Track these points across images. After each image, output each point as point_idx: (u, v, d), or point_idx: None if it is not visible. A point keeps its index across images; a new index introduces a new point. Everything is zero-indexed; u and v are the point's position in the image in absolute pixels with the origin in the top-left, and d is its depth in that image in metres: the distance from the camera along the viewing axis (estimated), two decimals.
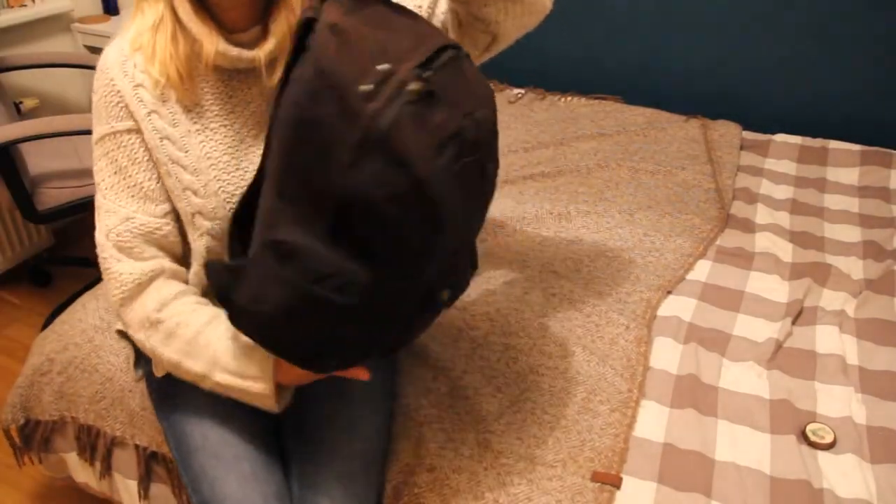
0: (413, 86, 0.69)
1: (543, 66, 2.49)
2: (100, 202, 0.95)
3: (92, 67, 2.08)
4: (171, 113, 0.93)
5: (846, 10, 2.01)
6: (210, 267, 0.88)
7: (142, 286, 0.93)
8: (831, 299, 1.40)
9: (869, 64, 2.05)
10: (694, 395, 1.16)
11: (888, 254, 1.52)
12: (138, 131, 0.93)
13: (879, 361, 1.24)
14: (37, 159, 1.88)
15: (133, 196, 0.94)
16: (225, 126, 0.95)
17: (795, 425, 1.11)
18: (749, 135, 2.10)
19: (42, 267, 2.29)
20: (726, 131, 2.06)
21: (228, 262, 0.91)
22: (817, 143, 2.03)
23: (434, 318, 0.87)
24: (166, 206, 0.96)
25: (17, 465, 1.36)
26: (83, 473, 1.33)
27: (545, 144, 1.99)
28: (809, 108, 2.17)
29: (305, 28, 0.75)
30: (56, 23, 2.30)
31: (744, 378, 1.21)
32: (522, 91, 2.33)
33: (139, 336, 0.95)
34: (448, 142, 0.70)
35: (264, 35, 0.92)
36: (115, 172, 0.93)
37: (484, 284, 1.39)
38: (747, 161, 1.96)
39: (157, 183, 0.95)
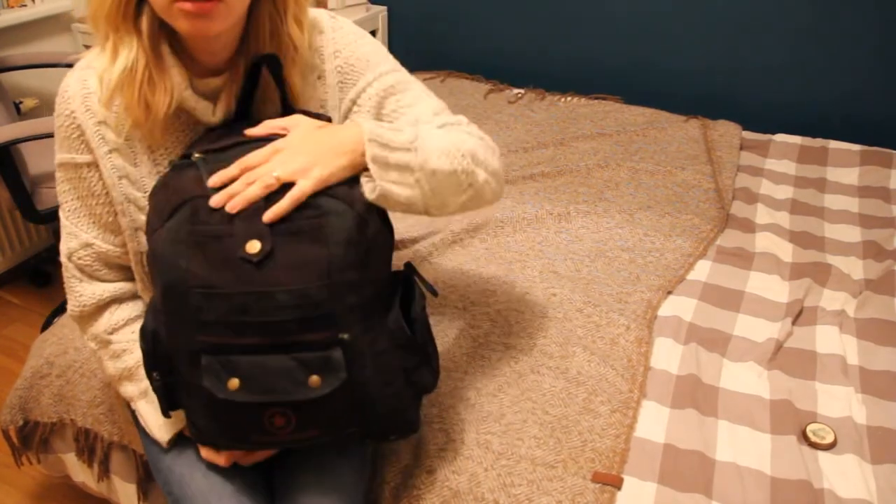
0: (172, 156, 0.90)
1: (543, 66, 2.49)
2: (63, 222, 0.95)
3: None
4: (132, 152, 0.91)
5: (846, 11, 2.01)
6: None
7: (100, 308, 0.99)
8: (831, 299, 1.40)
9: (869, 64, 2.05)
10: (694, 395, 1.16)
11: (888, 254, 1.52)
12: (97, 166, 0.91)
13: (879, 361, 1.24)
14: (37, 159, 1.87)
15: (93, 223, 0.94)
16: None
17: (796, 425, 1.11)
18: (749, 135, 2.10)
19: (42, 267, 2.29)
20: (726, 131, 2.06)
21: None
22: (817, 143, 2.03)
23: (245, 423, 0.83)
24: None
25: (16, 465, 1.36)
26: (82, 474, 1.33)
27: (545, 144, 1.99)
28: (809, 108, 2.17)
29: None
30: (56, 23, 2.29)
31: (744, 378, 1.21)
32: (522, 91, 2.33)
33: (91, 345, 1.01)
34: (179, 206, 0.80)
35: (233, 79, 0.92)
36: (77, 198, 0.93)
37: (484, 284, 1.39)
38: (747, 161, 1.96)
39: (116, 217, 0.94)
